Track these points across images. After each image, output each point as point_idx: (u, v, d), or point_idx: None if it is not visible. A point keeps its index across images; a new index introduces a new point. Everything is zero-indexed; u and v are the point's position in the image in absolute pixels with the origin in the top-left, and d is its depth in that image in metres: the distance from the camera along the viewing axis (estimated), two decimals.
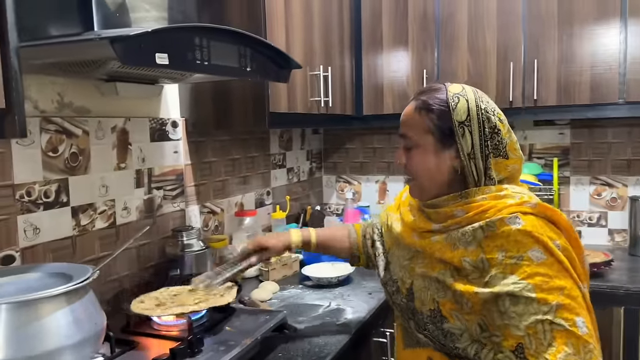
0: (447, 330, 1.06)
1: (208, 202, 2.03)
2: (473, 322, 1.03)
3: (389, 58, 2.47)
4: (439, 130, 1.09)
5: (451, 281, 1.05)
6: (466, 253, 1.04)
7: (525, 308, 0.96)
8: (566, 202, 2.54)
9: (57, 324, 0.90)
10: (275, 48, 1.44)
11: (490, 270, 1.00)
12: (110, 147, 1.56)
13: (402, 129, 1.16)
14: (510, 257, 0.99)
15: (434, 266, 1.10)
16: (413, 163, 1.14)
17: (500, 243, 1.00)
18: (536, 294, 0.96)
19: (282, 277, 2.08)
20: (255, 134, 2.34)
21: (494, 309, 0.99)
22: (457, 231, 1.07)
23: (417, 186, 1.16)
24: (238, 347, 1.20)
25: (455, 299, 1.05)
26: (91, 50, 1.01)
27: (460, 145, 1.08)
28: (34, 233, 1.33)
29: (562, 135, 2.53)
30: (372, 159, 2.94)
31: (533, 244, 0.99)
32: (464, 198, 1.09)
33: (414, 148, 1.13)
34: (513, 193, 1.07)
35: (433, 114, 1.09)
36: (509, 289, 0.97)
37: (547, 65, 2.18)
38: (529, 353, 0.96)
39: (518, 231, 1.00)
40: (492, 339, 1.01)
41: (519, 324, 0.97)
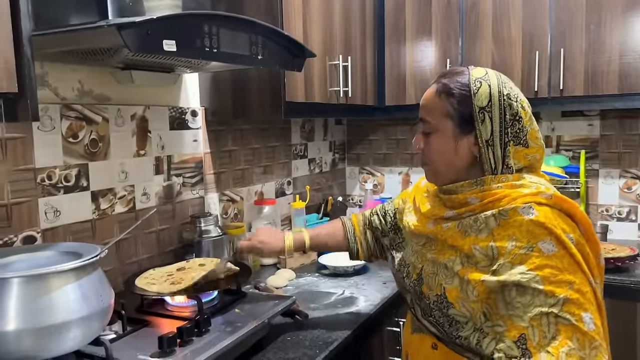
0: (452, 317, 1.06)
1: (227, 190, 2.06)
2: (478, 310, 1.02)
3: (412, 48, 2.44)
4: (459, 115, 1.07)
5: (459, 268, 1.05)
6: (477, 240, 1.03)
7: (532, 299, 0.95)
8: (594, 195, 2.47)
9: (65, 299, 0.94)
10: (288, 36, 1.45)
11: (499, 259, 0.99)
12: (129, 134, 1.61)
13: (421, 113, 1.14)
14: (520, 247, 0.97)
15: (445, 252, 1.10)
16: (431, 148, 1.12)
17: (511, 232, 0.99)
18: (544, 286, 0.95)
19: (300, 265, 2.10)
20: (276, 124, 2.37)
21: (499, 298, 0.98)
22: (470, 218, 1.06)
23: (432, 171, 1.15)
24: (244, 328, 1.22)
25: (462, 286, 1.04)
26: (100, 38, 1.04)
27: (479, 131, 1.06)
28: (54, 215, 1.39)
29: (591, 127, 2.45)
30: (395, 150, 2.93)
31: (545, 236, 0.97)
32: (480, 185, 1.07)
33: (433, 133, 1.11)
34: (529, 183, 1.05)
35: (453, 98, 1.07)
36: (516, 279, 0.96)
37: (574, 54, 2.12)
38: (531, 345, 0.94)
39: (531, 221, 0.98)
40: (495, 329, 1.00)
41: (524, 315, 0.95)
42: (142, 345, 1.14)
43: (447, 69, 1.17)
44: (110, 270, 1.56)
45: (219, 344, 1.14)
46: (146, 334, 1.21)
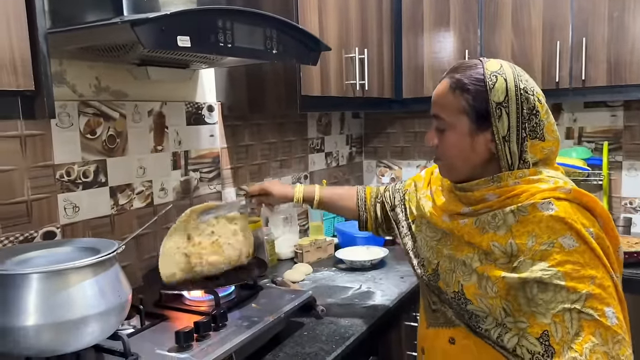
0: (471, 312, 1.06)
1: (244, 185, 2.07)
2: (497, 306, 1.01)
3: (430, 39, 2.41)
4: (475, 111, 1.03)
5: (477, 265, 1.04)
6: (495, 237, 1.02)
7: (554, 296, 0.94)
8: (617, 188, 2.41)
9: (83, 294, 0.95)
10: (303, 30, 1.44)
11: (519, 256, 0.98)
12: (147, 130, 1.62)
13: (434, 109, 1.10)
14: (541, 243, 0.96)
15: (462, 249, 1.08)
16: (446, 145, 1.09)
17: (531, 229, 0.98)
18: (566, 282, 0.93)
19: (317, 260, 2.10)
20: (292, 118, 2.36)
21: (520, 294, 0.97)
22: (487, 215, 1.04)
23: (447, 167, 1.12)
24: (260, 323, 1.23)
25: (480, 283, 1.03)
26: (115, 34, 1.05)
27: (496, 128, 1.03)
28: (73, 211, 1.41)
29: (615, 118, 2.40)
30: (413, 143, 2.90)
31: (565, 231, 0.95)
32: (496, 182, 1.05)
33: (448, 129, 1.07)
34: (547, 177, 1.03)
35: (468, 94, 1.03)
36: (537, 276, 0.95)
37: (596, 43, 2.07)
38: (554, 341, 0.93)
39: (550, 217, 0.96)
40: (518, 325, 0.98)
41: (546, 311, 0.94)
42: (160, 339, 1.15)
43: (458, 62, 1.11)
44: (129, 265, 1.57)
45: (235, 339, 1.14)
46: (164, 329, 1.22)
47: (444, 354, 1.15)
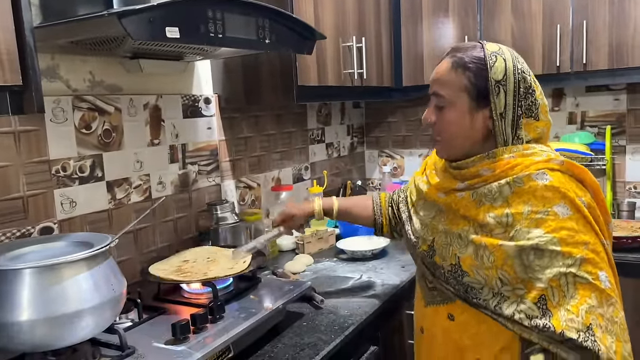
0: (467, 284, 1.09)
1: (244, 177, 2.06)
2: (493, 277, 1.04)
3: (429, 26, 2.39)
4: (475, 88, 1.07)
5: (474, 236, 1.07)
6: (491, 209, 1.06)
7: (550, 261, 0.98)
8: (621, 172, 2.39)
9: (77, 288, 0.95)
10: (296, 19, 1.43)
11: (515, 225, 1.02)
12: (143, 123, 1.61)
13: (434, 87, 1.12)
14: (537, 212, 1.00)
15: (457, 222, 1.12)
16: (444, 122, 1.11)
17: (527, 198, 1.02)
18: (561, 247, 0.98)
19: (318, 250, 2.10)
20: (292, 109, 2.35)
21: (517, 262, 1.01)
22: (484, 188, 1.08)
23: (445, 145, 1.14)
24: (258, 314, 1.22)
25: (477, 254, 1.06)
26: (103, 27, 1.03)
27: (494, 104, 1.07)
28: (70, 206, 1.41)
29: (618, 102, 2.37)
30: (415, 132, 2.88)
31: (559, 199, 1.01)
32: (491, 158, 1.08)
33: (447, 107, 1.10)
34: (540, 151, 1.08)
35: (470, 72, 1.07)
36: (534, 243, 0.99)
37: (597, 27, 2.03)
38: (551, 305, 0.97)
39: (545, 187, 1.01)
40: (516, 292, 1.02)
41: (542, 276, 0.98)
42: (157, 332, 1.15)
43: (458, 44, 1.15)
44: (129, 259, 1.58)
45: (232, 330, 1.14)
46: (162, 322, 1.22)
47: (443, 330, 1.17)
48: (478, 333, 1.10)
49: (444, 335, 1.17)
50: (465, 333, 1.13)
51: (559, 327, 0.96)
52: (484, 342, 1.10)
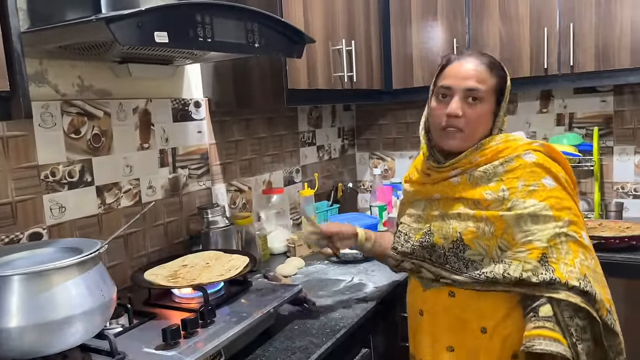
0: (468, 258, 1.20)
1: (234, 181, 2.06)
2: (493, 246, 1.18)
3: (418, 29, 2.40)
4: (499, 91, 1.24)
5: (474, 212, 1.21)
6: (488, 187, 1.21)
7: (545, 225, 1.15)
8: (609, 173, 2.41)
9: (66, 294, 0.95)
10: (286, 23, 1.43)
11: (512, 197, 1.17)
12: (132, 127, 1.61)
13: (471, 83, 1.21)
14: (529, 185, 1.17)
15: (453, 205, 1.25)
16: (475, 115, 1.22)
17: (519, 174, 1.19)
18: (552, 212, 1.15)
19: (310, 253, 2.10)
20: (283, 112, 2.35)
21: (516, 230, 1.16)
22: (479, 171, 1.22)
23: (467, 137, 1.24)
24: (249, 318, 1.22)
25: (478, 226, 1.19)
26: (91, 32, 1.03)
27: (503, 106, 1.26)
28: (60, 211, 1.40)
29: (605, 103, 2.39)
30: (405, 134, 2.90)
31: (545, 174, 1.19)
32: (480, 148, 1.23)
33: (480, 101, 1.22)
34: (518, 137, 1.26)
35: (499, 76, 1.24)
36: (530, 210, 1.15)
37: (583, 29, 2.06)
38: (552, 261, 1.13)
39: (533, 163, 1.19)
40: (518, 256, 1.15)
41: (542, 237, 1.14)
42: (147, 337, 1.15)
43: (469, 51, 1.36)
44: (119, 264, 1.57)
45: (223, 335, 1.14)
46: (152, 327, 1.21)
47: (445, 308, 1.27)
48: (479, 306, 1.22)
49: (446, 312, 1.26)
50: (467, 307, 1.23)
51: (563, 277, 1.11)
52: (485, 313, 1.22)
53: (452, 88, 1.23)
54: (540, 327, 1.12)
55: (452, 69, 1.25)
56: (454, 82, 1.23)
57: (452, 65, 1.25)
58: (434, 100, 1.28)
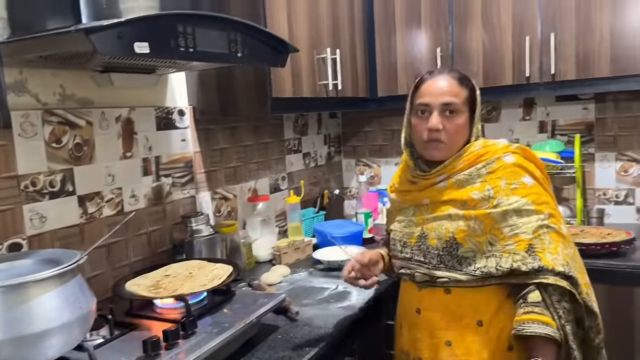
0: (461, 256, 1.28)
1: (219, 189, 2.06)
2: (483, 242, 1.27)
3: (403, 37, 2.42)
4: (472, 103, 1.35)
5: (463, 212, 1.29)
6: (474, 188, 1.30)
7: (528, 218, 1.25)
8: (591, 179, 2.44)
9: (43, 307, 0.94)
10: (268, 32, 1.44)
11: (497, 196, 1.27)
12: (115, 136, 1.60)
13: (445, 98, 1.31)
14: (511, 183, 1.28)
15: (442, 207, 1.33)
16: (454, 127, 1.32)
17: (501, 174, 1.29)
18: (534, 207, 1.26)
19: (295, 261, 2.10)
20: (268, 120, 2.35)
21: (503, 225, 1.26)
22: (463, 175, 1.32)
23: (446, 148, 1.34)
24: (231, 329, 1.22)
25: (468, 225, 1.28)
26: (71, 42, 1.03)
27: (477, 114, 1.35)
28: (40, 221, 1.39)
29: (586, 111, 2.42)
30: (390, 141, 2.91)
31: (524, 173, 1.30)
32: (462, 155, 1.33)
33: (457, 114, 1.32)
34: (495, 142, 1.36)
35: (470, 89, 1.34)
36: (514, 206, 1.26)
37: (564, 38, 2.09)
38: (537, 250, 1.23)
39: (512, 164, 1.30)
40: (507, 248, 1.25)
41: (527, 229, 1.24)
42: (128, 349, 1.14)
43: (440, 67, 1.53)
44: (102, 274, 1.56)
45: (205, 346, 1.14)
46: (133, 338, 1.21)
47: (442, 304, 1.33)
48: (474, 300, 1.29)
49: (443, 308, 1.32)
50: (462, 302, 1.30)
51: (550, 265, 1.21)
52: (480, 307, 1.29)
53: (430, 104, 1.32)
54: (529, 312, 1.21)
55: (427, 87, 1.35)
56: (431, 99, 1.32)
57: (426, 84, 1.35)
58: (414, 118, 1.38)
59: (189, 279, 1.38)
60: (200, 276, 1.40)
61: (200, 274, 1.41)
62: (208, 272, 1.42)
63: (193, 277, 1.39)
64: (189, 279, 1.38)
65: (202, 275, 1.40)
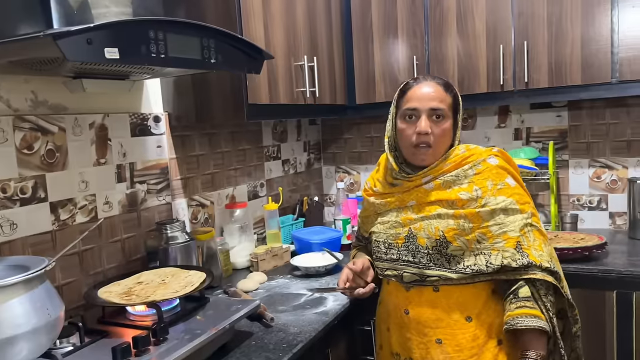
0: (450, 254, 1.34)
1: (196, 195, 2.05)
2: (472, 240, 1.33)
3: (380, 46, 2.45)
4: (456, 109, 1.43)
5: (452, 211, 1.35)
6: (461, 189, 1.37)
7: (514, 217, 1.33)
8: (565, 185, 2.49)
9: (9, 313, 0.93)
10: (242, 39, 1.44)
11: (484, 196, 1.35)
12: (88, 143, 1.59)
13: (434, 103, 1.38)
14: (496, 184, 1.36)
15: (430, 208, 1.39)
16: (441, 132, 1.39)
17: (487, 175, 1.37)
18: (518, 206, 1.34)
19: (273, 268, 2.10)
20: (246, 126, 2.36)
21: (491, 223, 1.33)
22: (449, 176, 1.38)
23: (434, 153, 1.40)
24: (203, 335, 1.21)
25: (458, 224, 1.34)
26: (39, 48, 1.02)
27: (459, 120, 1.43)
28: (10, 228, 1.37)
29: (560, 118, 2.47)
30: (370, 148, 2.93)
31: (507, 174, 1.39)
32: (448, 157, 1.41)
33: (443, 119, 1.39)
34: (477, 146, 1.45)
35: (453, 96, 1.42)
36: (501, 205, 1.33)
37: (537, 46, 2.13)
38: (525, 247, 1.31)
39: (496, 166, 1.39)
40: (496, 246, 1.32)
41: (515, 227, 1.32)
42: (98, 356, 1.13)
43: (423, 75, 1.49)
44: (74, 281, 1.54)
45: (176, 352, 1.13)
46: (103, 345, 1.19)
47: (430, 302, 1.38)
48: (462, 298, 1.35)
49: (431, 306, 1.37)
50: (450, 299, 1.36)
51: (537, 260, 1.29)
52: (467, 303, 1.35)
53: (419, 109, 1.39)
54: (521, 307, 1.28)
55: (414, 92, 1.41)
56: (419, 103, 1.38)
57: (413, 89, 1.41)
58: (401, 122, 1.42)
59: (162, 286, 1.38)
60: (173, 283, 1.39)
61: (173, 281, 1.41)
62: (181, 279, 1.41)
63: (166, 284, 1.39)
64: (162, 286, 1.37)
65: (175, 283, 1.39)
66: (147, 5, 1.43)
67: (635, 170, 2.35)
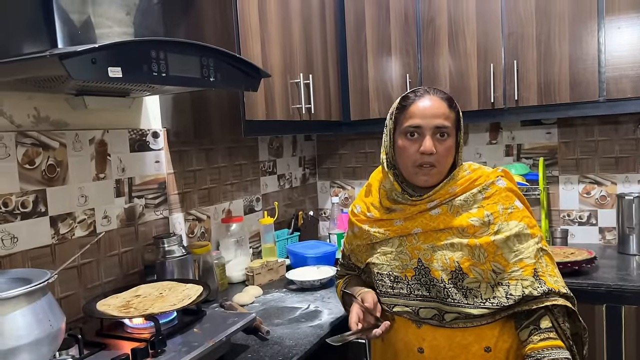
0: (467, 287, 1.24)
1: (193, 210, 2.08)
2: (487, 270, 1.23)
3: (374, 63, 2.50)
4: (458, 126, 1.31)
5: (467, 240, 1.25)
6: (471, 215, 1.27)
7: (527, 243, 1.25)
8: (555, 201, 2.53)
9: (12, 325, 0.95)
10: (240, 58, 1.49)
11: (496, 221, 1.26)
12: (88, 158, 1.62)
13: (439, 121, 1.26)
14: (507, 208, 1.28)
15: (439, 236, 1.28)
16: (445, 150, 1.27)
17: (496, 199, 1.28)
18: (530, 230, 1.27)
19: (268, 282, 2.12)
20: (243, 142, 2.40)
21: (506, 250, 1.24)
22: (458, 199, 1.28)
23: (439, 172, 1.29)
24: (200, 347, 1.24)
25: (473, 254, 1.24)
26: (45, 67, 1.06)
27: (461, 136, 1.32)
28: (11, 242, 1.40)
29: (550, 135, 2.53)
30: (364, 163, 2.98)
31: (515, 197, 1.31)
32: (453, 178, 1.30)
33: (448, 137, 1.27)
34: (480, 165, 1.35)
35: (456, 112, 1.31)
36: (514, 231, 1.25)
37: (527, 65, 2.19)
38: (541, 274, 1.23)
39: (505, 188, 1.30)
40: (513, 274, 1.23)
41: (530, 254, 1.24)
42: None
43: (424, 87, 1.34)
44: (73, 295, 1.56)
45: None
46: (103, 357, 1.22)
47: (447, 338, 1.26)
48: (479, 329, 1.25)
49: (448, 341, 1.27)
50: (466, 331, 1.26)
51: (555, 287, 1.22)
52: (484, 332, 1.25)
53: (422, 127, 1.25)
54: (545, 339, 1.20)
55: (417, 109, 1.27)
56: (423, 121, 1.25)
57: (415, 104, 1.27)
58: (402, 140, 1.28)
59: (160, 299, 1.40)
60: (170, 296, 1.41)
61: (170, 295, 1.43)
62: (179, 293, 1.44)
63: (164, 297, 1.41)
64: (160, 299, 1.39)
65: (172, 296, 1.42)
66: (148, 25, 1.47)
67: (623, 186, 2.41)
